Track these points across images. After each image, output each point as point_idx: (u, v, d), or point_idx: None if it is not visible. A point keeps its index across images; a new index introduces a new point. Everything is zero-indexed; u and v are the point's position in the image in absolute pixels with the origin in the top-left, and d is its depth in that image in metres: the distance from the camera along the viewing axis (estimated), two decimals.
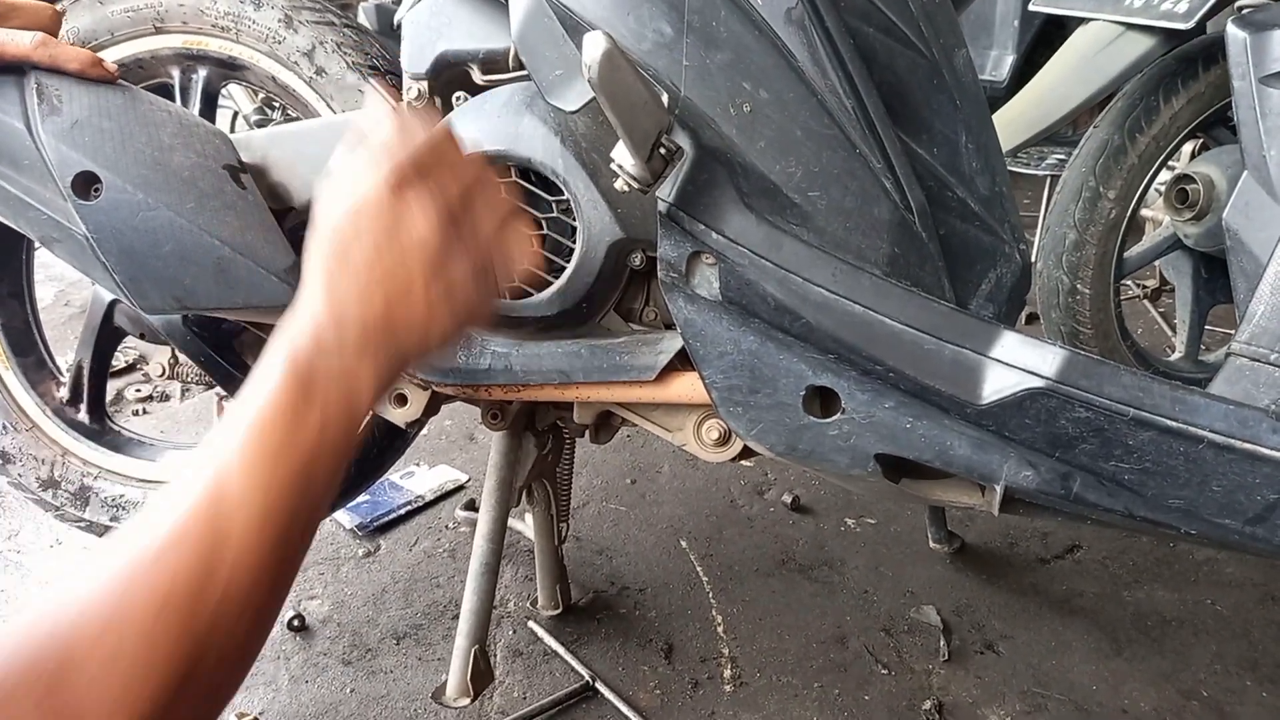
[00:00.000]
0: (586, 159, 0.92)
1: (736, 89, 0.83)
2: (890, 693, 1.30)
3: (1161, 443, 0.79)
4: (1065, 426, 0.81)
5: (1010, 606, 1.46)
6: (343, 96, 1.16)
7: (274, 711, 1.29)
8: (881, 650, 1.38)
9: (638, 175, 0.79)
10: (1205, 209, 1.54)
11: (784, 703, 1.29)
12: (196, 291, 0.99)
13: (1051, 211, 1.74)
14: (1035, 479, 0.83)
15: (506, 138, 0.93)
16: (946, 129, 0.91)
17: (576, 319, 0.98)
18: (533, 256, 0.63)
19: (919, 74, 0.89)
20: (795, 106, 0.84)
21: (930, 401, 0.84)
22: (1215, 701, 1.27)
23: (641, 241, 0.94)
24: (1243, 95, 1.23)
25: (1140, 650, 1.37)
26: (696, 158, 0.83)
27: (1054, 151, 2.71)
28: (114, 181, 0.96)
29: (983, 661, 1.35)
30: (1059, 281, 1.72)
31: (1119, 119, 1.64)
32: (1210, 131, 1.68)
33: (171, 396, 2.18)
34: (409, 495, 1.80)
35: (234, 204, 0.99)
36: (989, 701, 1.28)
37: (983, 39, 2.77)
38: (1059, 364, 0.81)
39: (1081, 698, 1.28)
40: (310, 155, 1.04)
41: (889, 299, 0.84)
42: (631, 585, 1.54)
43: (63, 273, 2.84)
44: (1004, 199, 0.93)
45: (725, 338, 0.87)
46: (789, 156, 0.84)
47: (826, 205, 0.85)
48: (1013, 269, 0.94)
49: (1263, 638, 1.38)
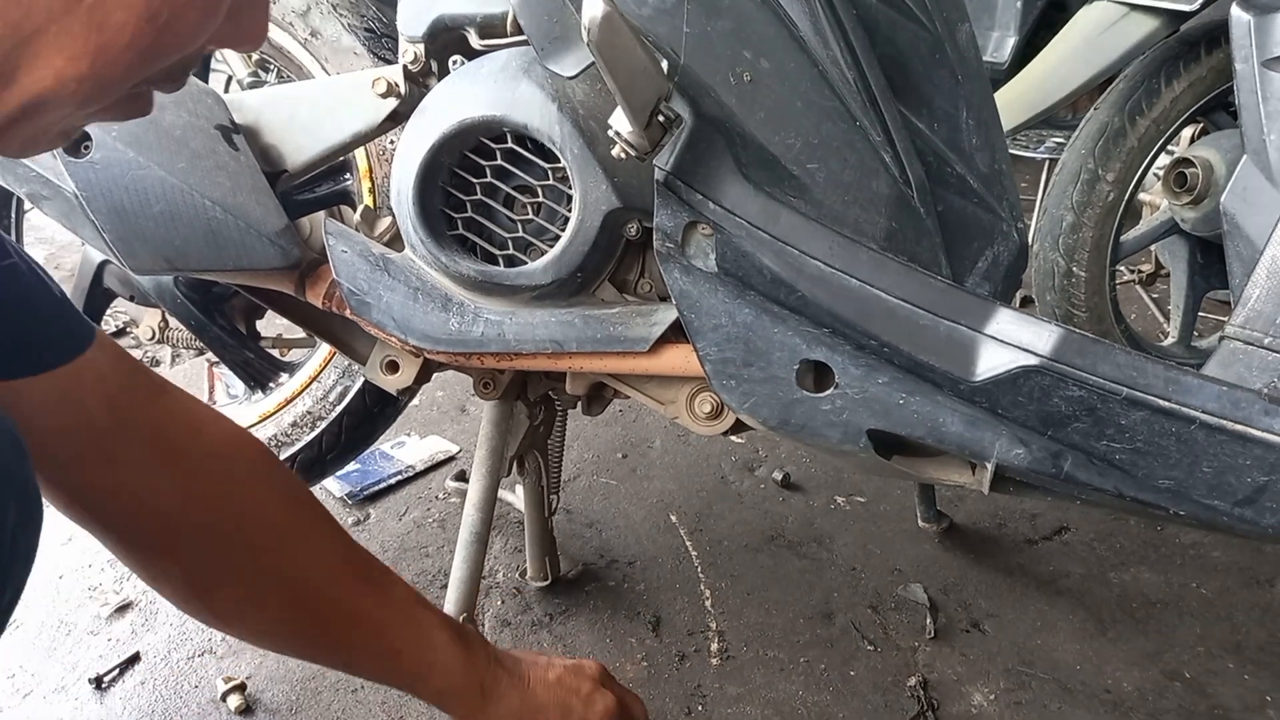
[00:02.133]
0: (584, 126, 0.91)
1: (737, 58, 0.82)
2: (876, 669, 1.31)
3: (1154, 423, 0.79)
4: (1058, 405, 0.81)
5: (997, 586, 1.47)
6: (338, 59, 1.14)
7: (261, 675, 1.29)
8: (868, 627, 1.38)
9: (635, 143, 0.78)
10: (1203, 193, 1.54)
11: (770, 676, 1.29)
12: (187, 253, 0.98)
13: (1049, 194, 1.73)
14: (1026, 457, 0.83)
15: (502, 103, 0.92)
16: (947, 104, 0.90)
17: (571, 289, 0.98)
18: None
19: (921, 48, 0.89)
20: (796, 77, 0.83)
21: (924, 378, 0.84)
22: (1198, 682, 1.28)
23: (638, 211, 0.93)
24: (1244, 79, 1.22)
25: (1124, 631, 1.38)
26: (695, 126, 0.83)
27: (1053, 134, 2.71)
28: (104, 139, 0.94)
29: (968, 639, 1.36)
30: (1055, 264, 1.72)
31: (1120, 101, 1.64)
32: (1210, 116, 1.68)
33: (161, 361, 2.17)
34: (399, 465, 1.79)
35: (226, 165, 0.98)
36: (974, 679, 1.29)
37: (985, 20, 2.74)
38: (1054, 342, 0.81)
39: (1065, 676, 1.29)
40: (304, 118, 1.03)
41: (885, 274, 0.84)
42: (621, 558, 1.54)
43: (54, 235, 2.81)
44: (1003, 177, 0.93)
45: (720, 310, 0.87)
46: (788, 128, 0.83)
47: (825, 178, 0.84)
48: (1010, 247, 0.93)
49: (1246, 621, 1.39)
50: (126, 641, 1.37)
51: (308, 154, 1.03)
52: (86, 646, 1.36)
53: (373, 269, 0.98)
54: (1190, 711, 1.23)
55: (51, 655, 1.35)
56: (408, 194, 0.96)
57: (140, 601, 1.45)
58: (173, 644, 1.36)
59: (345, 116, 1.01)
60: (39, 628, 1.40)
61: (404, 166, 0.96)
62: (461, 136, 0.94)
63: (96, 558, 1.55)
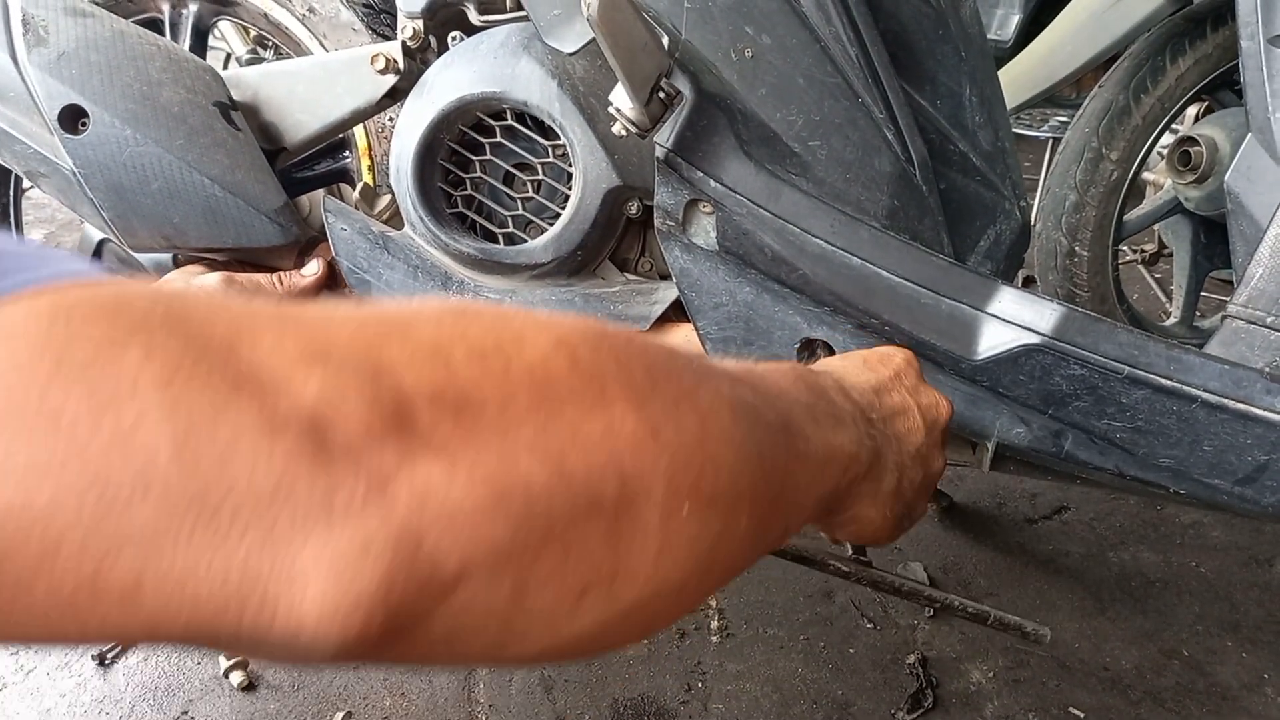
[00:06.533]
0: (584, 103, 0.90)
1: (739, 33, 0.81)
2: (875, 646, 1.31)
3: (1155, 401, 0.79)
4: (1059, 383, 0.80)
5: (996, 565, 1.48)
6: (336, 35, 1.13)
7: None
8: (867, 605, 1.39)
9: (636, 119, 0.78)
10: (1207, 172, 1.52)
11: (770, 654, 1.30)
12: (185, 230, 0.98)
13: (1052, 173, 1.72)
14: (1027, 435, 0.83)
15: (502, 80, 0.92)
16: (950, 81, 0.89)
17: (571, 267, 0.97)
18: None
19: (924, 24, 0.88)
20: (798, 53, 0.82)
21: (925, 356, 0.84)
22: (1196, 661, 1.28)
23: (638, 190, 0.92)
24: (1250, 56, 1.21)
25: (1123, 610, 1.38)
26: (696, 103, 0.82)
27: (1056, 114, 2.68)
28: (101, 116, 0.94)
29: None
30: (1057, 243, 1.71)
31: (1124, 79, 1.62)
32: (1215, 94, 1.66)
33: None
34: None
35: (224, 142, 0.97)
36: (972, 657, 1.29)
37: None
38: (1055, 320, 0.80)
39: (1064, 654, 1.29)
40: (302, 95, 1.02)
41: (887, 252, 0.83)
42: None
43: (54, 214, 2.81)
44: (1006, 154, 0.92)
45: (721, 288, 0.87)
46: (790, 104, 0.83)
47: (827, 155, 0.84)
48: (1012, 226, 0.93)
49: (1244, 600, 1.39)
50: None
51: (306, 131, 1.02)
52: None
53: (372, 247, 0.98)
54: (1188, 689, 1.24)
55: None
56: (407, 171, 0.95)
57: None
58: None
59: (344, 93, 1.01)
60: None
61: (403, 144, 0.95)
62: (461, 113, 0.94)
63: None
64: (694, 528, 0.36)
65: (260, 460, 0.26)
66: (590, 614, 0.33)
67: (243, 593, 0.26)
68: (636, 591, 0.35)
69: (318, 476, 0.26)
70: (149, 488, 0.24)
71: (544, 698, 1.23)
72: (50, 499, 0.24)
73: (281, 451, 0.26)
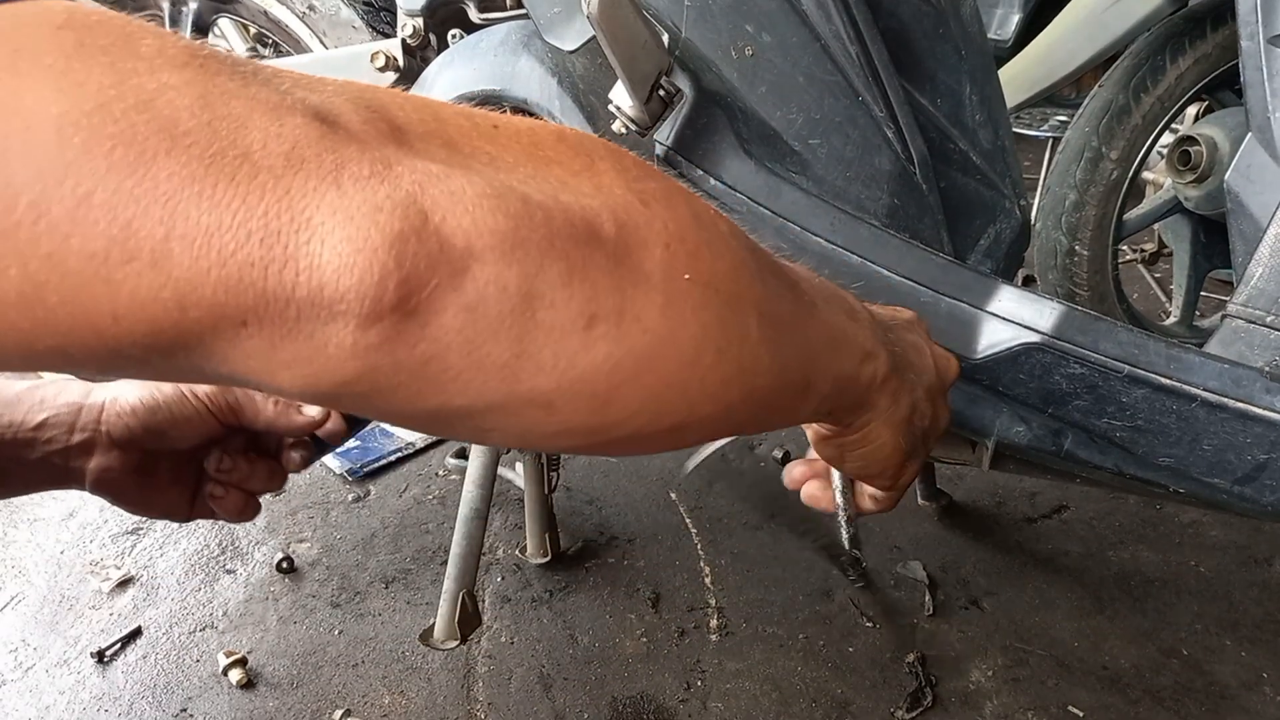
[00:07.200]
0: (584, 101, 0.90)
1: (739, 31, 0.81)
2: (874, 645, 1.31)
3: (1154, 400, 0.79)
4: (1059, 382, 0.80)
5: (995, 563, 1.48)
6: (336, 32, 1.13)
7: (262, 650, 1.30)
8: (867, 604, 1.39)
9: (636, 117, 0.78)
10: (1207, 172, 1.52)
11: (769, 653, 1.30)
12: None
13: (1052, 172, 1.72)
14: (1027, 434, 0.83)
15: (502, 78, 0.92)
16: (950, 80, 0.89)
17: None
18: None
19: (924, 22, 0.88)
20: (798, 51, 0.82)
21: None
22: (1195, 660, 1.28)
23: None
24: (1250, 55, 1.21)
25: (1122, 609, 1.38)
26: (696, 101, 0.82)
27: (1056, 112, 2.68)
28: None
29: (967, 617, 1.37)
30: (1057, 243, 1.71)
31: (1124, 78, 1.62)
32: (1215, 93, 1.67)
33: None
34: (400, 442, 1.80)
35: None
36: (972, 656, 1.29)
37: None
38: (1055, 319, 0.80)
39: (1063, 653, 1.29)
40: None
41: (887, 250, 0.83)
42: (620, 535, 1.54)
43: None
44: (1006, 153, 0.92)
45: None
46: (790, 103, 0.83)
47: (827, 153, 0.84)
48: (1012, 224, 0.93)
49: (1243, 599, 1.39)
50: (128, 616, 1.38)
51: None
52: (88, 621, 1.37)
53: None
54: (1187, 688, 1.24)
55: (54, 629, 1.36)
56: None
57: (142, 576, 1.45)
58: (174, 618, 1.37)
59: None
60: (41, 602, 1.41)
61: None
62: None
63: (98, 533, 1.55)
64: (697, 296, 0.37)
65: (272, 130, 0.28)
66: (601, 346, 0.34)
67: (266, 245, 0.27)
68: (646, 339, 0.35)
69: (325, 153, 0.28)
70: (173, 144, 0.26)
71: (543, 696, 1.23)
72: (81, 147, 0.25)
73: (292, 126, 0.28)
